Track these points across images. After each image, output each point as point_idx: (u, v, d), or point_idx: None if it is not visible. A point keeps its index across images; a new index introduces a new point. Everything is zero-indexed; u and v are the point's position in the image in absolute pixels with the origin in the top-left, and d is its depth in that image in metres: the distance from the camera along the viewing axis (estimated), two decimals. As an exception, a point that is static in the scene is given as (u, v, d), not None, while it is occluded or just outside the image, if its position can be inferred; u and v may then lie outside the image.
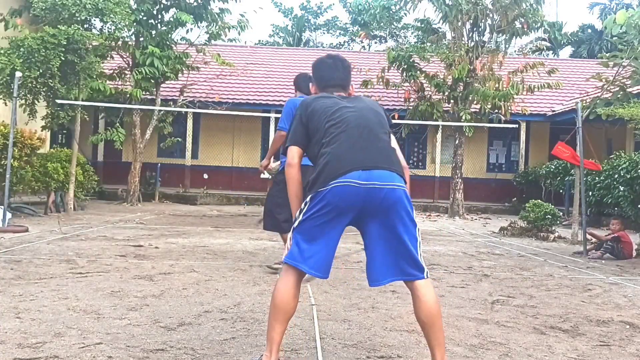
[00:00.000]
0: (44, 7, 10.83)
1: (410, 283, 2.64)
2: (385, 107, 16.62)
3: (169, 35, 14.66)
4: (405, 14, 18.57)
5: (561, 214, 11.26)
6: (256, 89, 18.87)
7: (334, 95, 2.92)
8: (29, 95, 10.83)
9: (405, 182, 2.68)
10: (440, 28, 15.77)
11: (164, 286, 4.61)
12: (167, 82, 15.43)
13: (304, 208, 2.67)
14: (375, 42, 24.32)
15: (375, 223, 2.62)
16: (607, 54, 10.05)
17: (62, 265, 5.37)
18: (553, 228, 10.06)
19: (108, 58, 13.77)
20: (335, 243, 2.67)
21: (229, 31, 15.05)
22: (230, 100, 16.91)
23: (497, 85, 14.76)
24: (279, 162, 5.56)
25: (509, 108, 14.82)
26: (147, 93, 14.69)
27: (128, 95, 14.23)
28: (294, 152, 2.81)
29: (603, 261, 7.36)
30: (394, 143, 2.85)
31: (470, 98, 14.82)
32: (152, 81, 14.34)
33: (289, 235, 2.71)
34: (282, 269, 2.71)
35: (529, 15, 14.48)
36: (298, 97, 5.43)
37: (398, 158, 2.74)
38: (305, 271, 2.64)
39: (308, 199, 2.66)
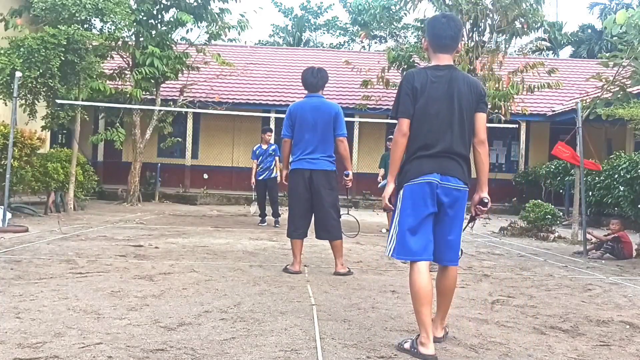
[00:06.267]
0: (44, 7, 10.82)
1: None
2: (385, 107, 16.64)
3: (169, 35, 14.66)
4: (405, 14, 18.60)
5: (561, 214, 11.25)
6: (256, 89, 18.88)
7: (439, 72, 3.19)
8: (29, 95, 10.83)
9: (466, 184, 3.23)
10: (441, 28, 15.75)
11: (164, 286, 4.61)
12: (167, 82, 15.43)
13: (400, 205, 3.18)
14: (375, 42, 24.32)
15: (441, 214, 3.18)
16: (607, 54, 10.06)
17: (62, 265, 5.37)
18: (553, 228, 10.04)
19: (108, 58, 13.77)
20: (432, 231, 3.19)
21: (229, 31, 15.07)
22: (230, 100, 16.92)
23: (497, 85, 14.77)
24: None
25: (509, 108, 14.82)
26: (147, 93, 14.69)
27: (128, 95, 14.23)
28: (405, 123, 3.18)
29: (603, 261, 7.36)
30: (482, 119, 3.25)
31: (470, 98, 14.82)
32: (152, 81, 14.34)
33: (391, 231, 3.20)
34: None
35: (529, 15, 14.50)
36: (295, 103, 5.71)
37: (469, 166, 3.23)
38: (427, 260, 3.12)
39: (400, 194, 3.19)
